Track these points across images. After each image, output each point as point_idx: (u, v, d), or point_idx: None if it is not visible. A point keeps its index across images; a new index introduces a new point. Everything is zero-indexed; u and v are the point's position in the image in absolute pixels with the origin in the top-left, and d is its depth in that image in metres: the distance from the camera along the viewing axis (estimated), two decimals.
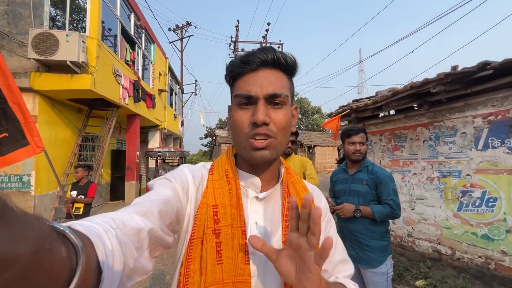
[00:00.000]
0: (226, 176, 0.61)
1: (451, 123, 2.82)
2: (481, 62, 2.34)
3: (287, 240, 0.50)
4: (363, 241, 1.91)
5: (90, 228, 0.32)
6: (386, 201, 1.87)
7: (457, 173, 2.78)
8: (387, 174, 1.92)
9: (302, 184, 0.69)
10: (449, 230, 2.86)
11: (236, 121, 0.58)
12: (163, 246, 0.50)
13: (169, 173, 0.60)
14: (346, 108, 3.72)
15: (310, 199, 0.43)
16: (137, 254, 0.40)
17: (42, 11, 5.97)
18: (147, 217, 0.45)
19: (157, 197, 0.51)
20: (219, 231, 0.55)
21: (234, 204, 0.58)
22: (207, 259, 0.53)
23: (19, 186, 5.67)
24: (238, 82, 0.59)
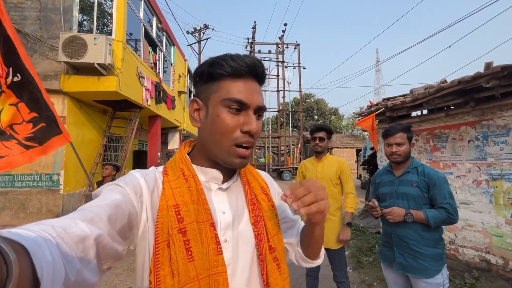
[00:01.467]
0: (182, 174, 0.61)
1: (503, 121, 2.58)
2: None
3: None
4: (414, 248, 1.75)
5: (27, 236, 0.29)
6: (442, 205, 1.71)
7: (510, 176, 2.54)
8: (441, 176, 1.77)
9: (255, 170, 0.75)
10: (500, 239, 2.62)
11: (223, 124, 0.58)
12: (114, 255, 0.46)
13: (119, 179, 0.57)
14: (380, 107, 3.54)
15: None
16: (81, 265, 0.37)
17: (71, 15, 6.19)
18: (93, 223, 0.42)
19: (105, 201, 0.48)
20: (184, 229, 0.54)
21: (196, 200, 0.57)
22: (177, 259, 0.52)
23: (49, 185, 5.87)
24: (227, 83, 0.59)
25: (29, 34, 5.95)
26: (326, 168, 2.37)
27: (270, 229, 0.65)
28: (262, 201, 0.67)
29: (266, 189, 0.72)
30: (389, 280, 1.96)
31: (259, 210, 0.66)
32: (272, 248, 0.63)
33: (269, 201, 0.69)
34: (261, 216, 0.65)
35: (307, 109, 30.84)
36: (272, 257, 0.62)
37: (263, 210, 0.66)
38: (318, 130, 2.38)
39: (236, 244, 0.60)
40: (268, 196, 0.70)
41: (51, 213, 5.76)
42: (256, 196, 0.68)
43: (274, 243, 0.64)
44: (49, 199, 5.86)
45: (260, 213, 0.65)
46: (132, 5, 7.09)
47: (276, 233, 0.66)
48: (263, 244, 0.62)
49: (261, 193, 0.69)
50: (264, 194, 0.69)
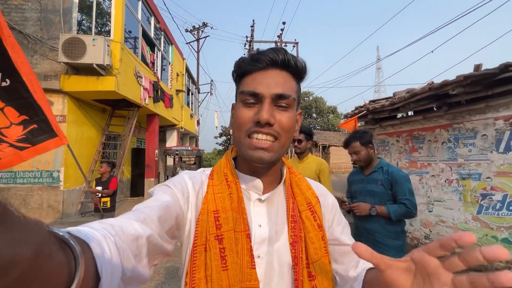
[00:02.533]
0: (225, 179, 0.60)
1: (471, 125, 2.79)
2: (503, 64, 2.31)
3: (411, 254, 0.38)
4: (379, 240, 1.95)
5: (89, 234, 0.32)
6: (402, 201, 1.91)
7: (477, 175, 2.75)
8: (402, 175, 1.96)
9: (306, 182, 0.68)
10: None
11: (239, 118, 0.57)
12: (162, 253, 0.49)
13: (169, 180, 0.59)
14: (362, 109, 3.74)
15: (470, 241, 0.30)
16: (135, 261, 0.39)
17: (70, 17, 6.35)
18: (146, 223, 0.44)
19: (156, 203, 0.50)
20: (222, 236, 0.53)
21: (236, 207, 0.56)
22: (211, 266, 0.52)
23: (49, 181, 6.08)
24: (246, 79, 0.58)
25: (30, 35, 6.11)
26: (306, 168, 2.56)
27: (311, 253, 0.58)
28: (306, 219, 0.61)
29: (314, 206, 0.64)
30: None
31: (300, 229, 0.60)
32: (311, 276, 0.57)
33: (315, 220, 0.62)
34: (301, 237, 0.59)
35: (305, 107, 30.98)
36: (311, 286, 0.57)
37: (306, 230, 0.60)
38: (299, 133, 2.56)
39: (271, 262, 0.56)
40: (314, 214, 0.62)
41: (51, 208, 5.98)
42: (300, 212, 0.61)
43: (315, 270, 0.58)
44: (50, 195, 6.07)
45: (302, 233, 0.60)
46: (130, 6, 7.24)
47: (319, 258, 0.59)
48: (299, 269, 0.57)
49: (307, 210, 0.62)
50: (310, 212, 0.62)
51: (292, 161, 2.71)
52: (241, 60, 0.60)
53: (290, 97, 0.56)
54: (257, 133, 0.54)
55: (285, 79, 0.57)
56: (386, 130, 3.87)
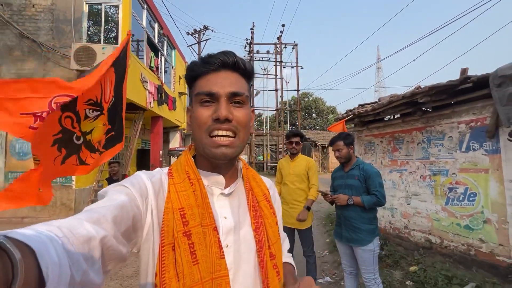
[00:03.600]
0: (188, 177, 0.61)
1: (440, 128, 3.21)
2: (462, 76, 2.72)
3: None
4: (355, 225, 2.34)
5: (33, 237, 0.30)
6: (373, 192, 2.32)
7: (445, 171, 3.17)
8: (374, 171, 2.34)
9: (259, 177, 0.76)
10: (438, 222, 3.25)
11: (197, 117, 0.59)
12: (117, 257, 0.46)
13: (125, 180, 0.57)
14: (350, 114, 4.16)
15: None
16: (87, 266, 0.37)
17: (81, 26, 6.79)
18: (99, 224, 0.42)
19: (111, 202, 0.48)
20: (189, 232, 0.55)
21: (201, 203, 0.58)
22: (182, 262, 0.52)
23: (62, 181, 6.52)
24: (200, 81, 0.61)
25: (43, 44, 6.55)
26: (297, 166, 2.98)
27: (271, 236, 0.65)
28: (264, 207, 0.68)
29: (268, 196, 0.72)
30: (341, 250, 2.58)
31: (260, 216, 0.66)
32: (272, 255, 0.63)
33: (270, 208, 0.70)
34: (262, 223, 0.65)
35: (305, 107, 31.37)
36: (272, 264, 0.63)
37: (265, 216, 0.67)
38: (294, 136, 2.93)
39: (238, 249, 0.60)
40: (269, 203, 0.71)
41: (64, 206, 6.42)
42: (258, 202, 0.68)
43: (274, 250, 0.65)
44: (63, 194, 6.51)
45: (262, 219, 0.66)
46: (136, 14, 7.67)
47: (276, 240, 0.66)
48: (264, 250, 0.62)
49: (264, 200, 0.69)
50: (266, 201, 0.70)
51: (285, 160, 3.12)
52: (193, 64, 0.63)
53: (243, 95, 0.61)
54: (217, 129, 0.58)
55: (236, 79, 0.62)
56: (372, 132, 4.28)
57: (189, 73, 0.64)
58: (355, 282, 2.55)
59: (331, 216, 6.65)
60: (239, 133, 0.60)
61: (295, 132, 2.96)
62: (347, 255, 2.53)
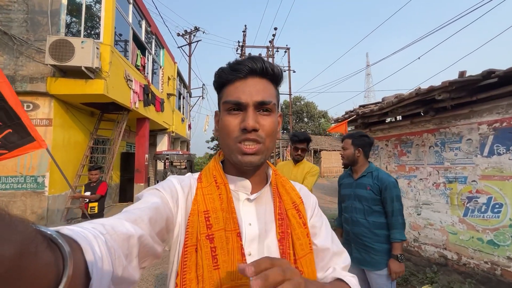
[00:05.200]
0: (215, 181, 0.62)
1: (457, 129, 2.86)
2: (485, 71, 2.39)
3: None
4: (368, 244, 1.95)
5: (80, 233, 0.31)
6: (388, 210, 1.90)
7: (462, 179, 2.81)
8: (392, 180, 1.94)
9: (290, 184, 0.72)
10: (455, 236, 2.89)
11: (226, 126, 0.59)
12: (152, 255, 0.49)
13: (158, 184, 0.60)
14: (352, 114, 3.79)
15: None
16: (126, 262, 0.39)
17: (59, 18, 6.24)
18: (137, 223, 0.44)
19: (146, 204, 0.51)
20: (212, 236, 0.54)
21: (226, 208, 0.58)
22: (203, 265, 0.52)
23: (34, 187, 5.88)
24: (227, 88, 0.61)
25: (15, 36, 5.96)
26: (299, 174, 2.56)
27: (298, 249, 0.61)
28: (292, 217, 0.64)
29: (299, 205, 0.67)
30: None
31: (287, 226, 0.62)
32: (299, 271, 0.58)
33: (300, 218, 0.65)
34: (289, 234, 0.62)
35: (297, 112, 31.23)
36: None
37: (292, 227, 0.63)
38: (301, 142, 2.50)
39: None
40: (299, 213, 0.66)
41: (35, 215, 5.77)
42: (286, 211, 0.64)
43: (302, 266, 0.60)
44: (34, 201, 5.87)
45: (289, 230, 0.62)
46: (121, 9, 7.18)
47: (305, 254, 0.61)
48: None
49: (292, 209, 0.65)
50: (295, 210, 0.66)
51: (286, 164, 2.71)
52: (221, 70, 0.62)
53: (271, 103, 0.59)
54: (244, 140, 0.57)
55: (264, 86, 0.60)
56: (376, 135, 3.93)
57: (217, 80, 0.64)
58: None
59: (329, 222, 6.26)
60: (265, 141, 0.59)
61: (301, 138, 2.52)
62: (359, 279, 2.12)
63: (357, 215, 2.00)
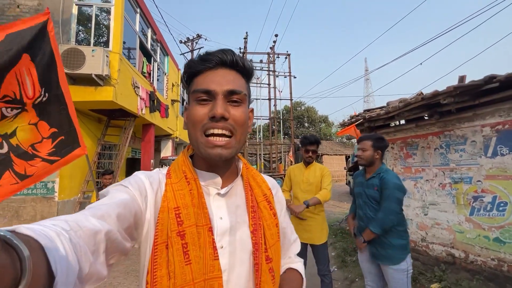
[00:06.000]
0: (185, 177, 0.61)
1: (461, 132, 2.99)
2: (487, 76, 2.53)
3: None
4: (383, 240, 2.02)
5: (40, 231, 0.30)
6: (381, 207, 1.99)
7: (468, 179, 2.93)
8: (394, 182, 1.98)
9: (261, 176, 0.73)
10: (462, 234, 2.99)
11: (193, 115, 0.58)
12: (120, 251, 0.48)
13: (124, 180, 0.59)
14: (359, 118, 3.93)
15: None
16: (93, 258, 0.38)
17: (69, 28, 6.42)
18: (104, 219, 0.44)
19: (113, 200, 0.50)
20: (183, 232, 0.54)
21: (197, 203, 0.57)
22: (174, 262, 0.52)
23: (44, 193, 5.97)
24: (197, 79, 0.60)
25: None
26: (311, 175, 2.67)
27: (269, 238, 0.63)
28: (263, 208, 0.66)
29: (269, 197, 0.70)
30: (364, 270, 2.26)
31: (259, 218, 0.64)
32: (268, 259, 0.62)
33: (271, 209, 0.67)
34: (260, 225, 0.64)
35: (298, 117, 31.46)
36: (268, 268, 0.61)
37: (264, 218, 0.65)
38: (312, 144, 2.59)
39: (233, 251, 0.59)
40: (270, 204, 0.68)
41: None
42: (258, 203, 0.66)
43: (272, 253, 0.63)
44: (44, 207, 5.95)
45: (260, 221, 0.64)
46: (129, 18, 7.39)
47: (274, 243, 0.65)
48: (259, 253, 0.60)
49: (264, 201, 0.67)
50: (266, 202, 0.68)
51: (298, 167, 2.83)
52: (191, 61, 0.62)
53: (241, 93, 0.59)
54: (212, 128, 0.56)
55: (234, 77, 0.60)
56: None
57: (187, 70, 0.63)
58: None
59: (333, 227, 6.34)
60: (236, 132, 0.58)
61: (312, 140, 2.62)
62: (373, 275, 2.21)
63: (370, 212, 2.10)
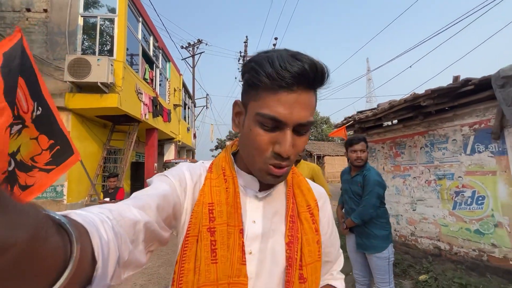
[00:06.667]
0: (223, 174, 0.60)
1: (443, 131, 3.19)
2: (463, 79, 2.73)
3: None
4: (368, 231, 2.21)
5: (87, 218, 0.32)
6: (362, 201, 2.20)
7: (450, 175, 3.13)
8: (374, 179, 2.17)
9: (306, 184, 0.68)
10: (446, 228, 3.17)
11: (256, 141, 0.51)
12: (159, 241, 0.50)
13: (167, 171, 0.60)
14: (350, 120, 4.14)
15: None
16: (132, 246, 0.40)
17: (75, 38, 6.74)
18: (144, 210, 0.45)
19: (155, 191, 0.51)
20: (214, 229, 0.53)
21: (231, 202, 0.56)
22: (201, 257, 0.51)
23: (53, 196, 6.25)
24: (266, 95, 0.49)
25: (36, 56, 6.45)
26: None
27: (306, 255, 0.58)
28: (304, 221, 0.60)
29: (313, 209, 0.64)
30: (352, 260, 2.46)
31: (297, 230, 0.59)
32: (303, 278, 0.56)
33: (313, 223, 0.62)
34: (298, 238, 0.58)
35: None
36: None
37: (304, 231, 0.59)
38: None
39: (263, 260, 0.55)
40: (313, 217, 0.62)
41: None
42: (299, 214, 0.61)
43: (307, 273, 0.57)
44: (53, 209, 6.10)
45: (299, 234, 0.59)
46: (131, 27, 7.69)
47: (313, 261, 0.59)
48: (293, 270, 0.55)
49: (306, 212, 0.62)
50: (309, 214, 0.62)
51: None
52: (263, 69, 0.49)
53: (311, 123, 0.52)
54: (276, 166, 0.52)
55: (309, 101, 0.50)
56: (373, 138, 4.26)
57: (249, 76, 0.51)
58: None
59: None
60: (293, 159, 0.55)
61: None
62: (360, 264, 2.41)
63: (354, 206, 2.30)
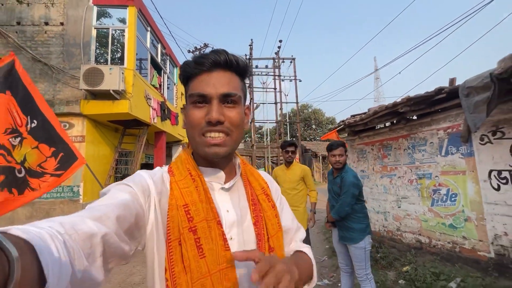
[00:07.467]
0: (189, 174, 0.62)
1: (423, 134, 3.49)
2: (437, 88, 3.03)
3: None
4: (347, 225, 2.53)
5: (33, 233, 0.30)
6: (340, 200, 2.53)
7: (428, 175, 3.42)
8: (350, 180, 2.49)
9: (256, 171, 0.77)
10: (426, 223, 3.47)
11: (191, 119, 0.60)
12: (119, 255, 0.47)
13: (127, 178, 0.59)
14: (340, 124, 4.46)
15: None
16: (88, 263, 0.38)
17: (89, 49, 7.27)
18: (101, 221, 0.43)
19: (113, 201, 0.49)
20: (195, 227, 0.56)
21: (204, 199, 0.59)
22: (189, 257, 0.53)
23: (70, 196, 6.78)
24: (193, 82, 0.62)
25: (54, 66, 7.01)
26: (292, 174, 3.24)
27: (270, 229, 0.66)
28: (262, 201, 0.69)
29: (267, 189, 0.73)
30: (337, 249, 2.78)
31: (259, 210, 0.67)
32: (271, 248, 0.64)
33: (269, 201, 0.71)
34: (261, 216, 0.66)
35: (304, 119, 31.83)
36: None
37: (264, 210, 0.67)
38: (290, 145, 3.21)
39: (242, 242, 0.62)
40: (268, 196, 0.72)
41: None
42: (257, 196, 0.69)
43: (273, 243, 0.65)
44: (71, 208, 6.75)
45: (261, 213, 0.67)
46: (140, 36, 8.19)
47: (275, 233, 0.67)
48: (263, 244, 0.63)
49: (262, 194, 0.71)
50: (264, 195, 0.71)
51: (280, 169, 3.39)
52: (186, 64, 0.63)
53: (236, 95, 0.61)
54: (210, 132, 0.59)
55: (229, 79, 0.62)
56: (363, 140, 4.56)
57: (182, 73, 0.65)
58: (349, 280, 2.72)
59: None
60: (232, 133, 0.61)
61: (290, 142, 3.26)
62: (343, 254, 2.72)
63: (335, 203, 2.63)
